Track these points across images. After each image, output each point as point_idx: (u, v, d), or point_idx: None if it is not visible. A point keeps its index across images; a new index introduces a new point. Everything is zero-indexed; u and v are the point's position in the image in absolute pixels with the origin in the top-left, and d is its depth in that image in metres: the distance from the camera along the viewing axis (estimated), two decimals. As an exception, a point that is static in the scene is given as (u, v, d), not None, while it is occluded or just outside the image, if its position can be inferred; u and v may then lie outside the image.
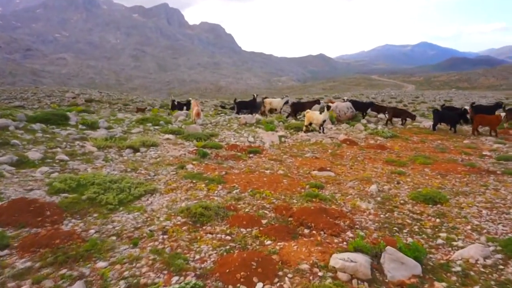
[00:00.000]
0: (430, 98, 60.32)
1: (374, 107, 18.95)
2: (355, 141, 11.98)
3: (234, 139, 11.95)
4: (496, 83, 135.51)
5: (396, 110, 17.86)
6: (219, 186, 6.64)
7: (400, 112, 17.29)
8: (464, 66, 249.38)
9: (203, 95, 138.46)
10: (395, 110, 17.80)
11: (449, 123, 14.78)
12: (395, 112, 17.20)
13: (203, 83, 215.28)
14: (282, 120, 15.89)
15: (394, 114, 16.97)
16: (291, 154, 10.02)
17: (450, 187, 7.15)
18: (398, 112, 17.39)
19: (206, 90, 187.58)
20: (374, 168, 8.70)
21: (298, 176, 7.79)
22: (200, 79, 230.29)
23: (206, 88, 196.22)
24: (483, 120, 13.66)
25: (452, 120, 14.63)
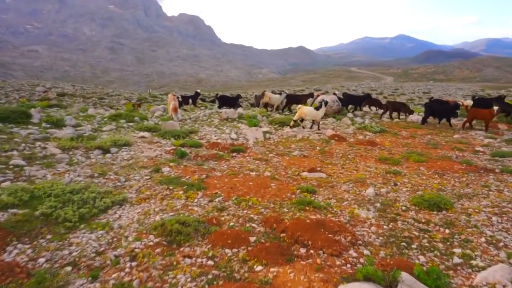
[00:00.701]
0: (409, 90, 61.03)
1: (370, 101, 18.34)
2: (343, 137, 11.37)
3: (216, 136, 11.13)
4: (470, 75, 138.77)
5: (395, 104, 17.42)
6: (199, 193, 5.85)
7: (400, 106, 16.88)
8: (440, 59, 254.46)
9: (183, 88, 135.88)
10: (395, 104, 17.34)
11: (442, 117, 14.36)
12: (394, 106, 16.77)
13: (183, 76, 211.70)
14: (265, 115, 15.15)
15: (394, 108, 16.57)
16: (278, 152, 9.30)
17: (451, 189, 6.61)
18: (398, 106, 16.97)
19: (186, 83, 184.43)
20: (367, 167, 8.09)
21: (287, 178, 7.08)
22: (180, 72, 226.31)
23: (186, 81, 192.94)
24: (477, 114, 13.32)
25: (445, 114, 14.22)
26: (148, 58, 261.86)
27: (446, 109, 14.11)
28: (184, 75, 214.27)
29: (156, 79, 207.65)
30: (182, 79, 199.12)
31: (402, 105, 16.92)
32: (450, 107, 14.14)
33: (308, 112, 12.58)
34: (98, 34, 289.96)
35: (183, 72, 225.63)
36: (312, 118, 12.70)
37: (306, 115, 12.55)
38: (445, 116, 14.24)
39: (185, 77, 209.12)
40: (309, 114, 12.56)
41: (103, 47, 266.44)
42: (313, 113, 12.55)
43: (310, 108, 13.02)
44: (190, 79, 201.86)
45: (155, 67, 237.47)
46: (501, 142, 10.92)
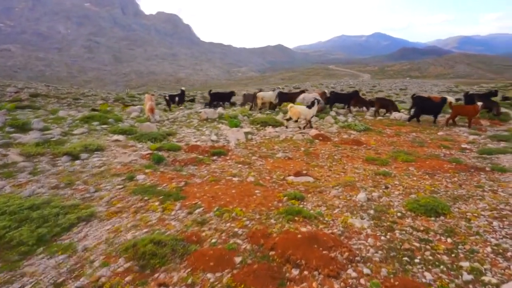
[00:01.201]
0: (387, 87, 61.93)
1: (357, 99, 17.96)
2: (328, 136, 11.01)
3: (195, 138, 10.55)
4: (444, 72, 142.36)
5: (383, 101, 17.21)
6: (177, 203, 5.30)
7: (387, 103, 16.70)
8: (415, 56, 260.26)
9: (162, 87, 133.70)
10: (383, 101, 17.14)
11: (430, 113, 14.22)
12: (382, 103, 16.59)
13: (162, 75, 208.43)
14: (247, 114, 14.64)
15: (382, 105, 16.38)
16: (261, 155, 8.83)
17: (444, 190, 6.30)
18: (386, 103, 16.79)
19: (165, 82, 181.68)
20: (355, 169, 7.72)
21: (272, 183, 6.61)
22: (158, 71, 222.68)
23: (164, 80, 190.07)
24: (461, 111, 13.23)
25: (434, 110, 14.09)
26: (126, 57, 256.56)
27: (435, 105, 14.05)
28: (163, 74, 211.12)
29: (135, 78, 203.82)
30: (161, 78, 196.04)
31: (390, 103, 16.72)
32: (438, 104, 14.12)
33: (302, 110, 12.14)
34: (74, 32, 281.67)
35: (162, 71, 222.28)
36: (305, 117, 12.28)
37: (300, 114, 12.09)
38: (433, 113, 14.08)
39: (164, 76, 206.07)
40: (303, 113, 12.11)
41: (79, 46, 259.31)
42: (307, 111, 12.14)
43: (302, 106, 12.59)
44: (169, 78, 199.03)
45: (133, 66, 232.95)
46: (485, 139, 10.80)
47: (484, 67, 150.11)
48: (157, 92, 62.41)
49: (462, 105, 13.44)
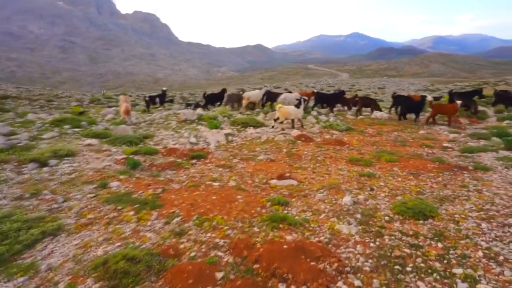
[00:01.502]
0: (365, 86, 62.83)
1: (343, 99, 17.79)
2: (310, 137, 10.82)
3: (173, 140, 10.16)
4: (419, 71, 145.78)
5: (366, 100, 17.15)
6: (154, 213, 4.95)
7: (370, 102, 16.67)
8: (391, 55, 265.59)
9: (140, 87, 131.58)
10: (365, 100, 17.09)
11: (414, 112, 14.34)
12: (364, 102, 16.55)
13: (139, 75, 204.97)
14: (227, 115, 14.31)
15: (364, 104, 16.35)
16: (242, 157, 8.53)
17: (430, 191, 6.18)
18: (368, 102, 16.75)
19: (143, 83, 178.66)
20: (339, 170, 7.53)
21: (255, 188, 6.33)
22: (136, 71, 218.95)
23: (142, 81, 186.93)
24: (441, 109, 13.33)
25: (417, 109, 14.22)
26: (102, 58, 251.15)
27: (418, 104, 14.23)
28: (141, 75, 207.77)
29: (111, 79, 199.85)
30: (139, 79, 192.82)
31: (373, 102, 16.72)
32: (419, 102, 14.31)
33: (292, 111, 12.00)
34: (47, 32, 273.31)
35: (140, 72, 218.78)
36: (294, 117, 12.15)
37: (290, 114, 11.95)
38: (416, 111, 14.21)
39: (142, 76, 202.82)
40: (292, 113, 11.99)
41: (52, 46, 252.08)
42: (296, 111, 12.03)
43: (291, 106, 12.41)
44: (147, 78, 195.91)
45: (110, 66, 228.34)
46: (466, 137, 10.87)
47: (457, 66, 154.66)
48: (135, 93, 61.28)
49: (441, 104, 13.56)
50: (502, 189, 6.24)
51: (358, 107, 16.07)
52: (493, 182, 6.66)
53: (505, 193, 6.05)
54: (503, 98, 15.81)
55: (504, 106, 15.69)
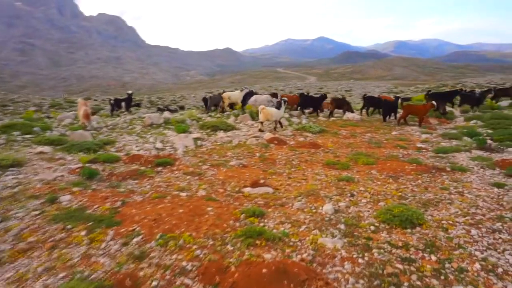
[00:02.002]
0: (333, 88, 63.95)
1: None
2: (283, 140, 10.38)
3: (137, 146, 9.39)
4: (383, 74, 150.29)
5: (339, 101, 16.92)
6: (110, 231, 4.27)
7: (343, 103, 16.46)
8: (357, 59, 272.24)
9: (106, 92, 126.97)
10: (338, 101, 16.85)
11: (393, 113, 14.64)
12: (338, 103, 16.33)
13: (105, 79, 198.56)
14: (196, 119, 13.62)
15: (337, 105, 16.13)
16: (212, 163, 7.93)
17: (411, 195, 5.86)
18: (341, 103, 16.53)
19: (109, 87, 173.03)
20: (316, 175, 7.11)
21: (227, 197, 5.76)
22: (102, 75, 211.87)
23: (108, 85, 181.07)
24: (411, 110, 13.32)
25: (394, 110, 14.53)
26: (65, 61, 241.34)
27: (392, 105, 14.45)
28: (107, 79, 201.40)
29: (75, 83, 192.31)
30: (105, 83, 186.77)
31: (346, 103, 16.54)
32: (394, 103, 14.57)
33: (274, 112, 11.80)
34: (4, 33, 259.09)
35: (106, 75, 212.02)
36: (276, 119, 11.99)
37: (272, 115, 11.74)
38: (394, 112, 14.55)
39: (108, 80, 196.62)
40: (274, 115, 11.80)
41: (10, 49, 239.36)
42: (278, 113, 11.88)
43: (273, 108, 12.16)
44: (113, 82, 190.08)
45: (74, 70, 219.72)
46: (437, 137, 10.81)
47: (418, 70, 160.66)
48: (100, 97, 58.83)
49: (412, 104, 13.61)
50: (483, 191, 6.03)
51: (331, 108, 15.86)
52: (473, 183, 6.46)
53: (486, 194, 5.83)
54: (468, 99, 16.12)
55: (469, 106, 15.99)
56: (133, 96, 19.77)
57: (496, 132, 10.37)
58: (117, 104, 18.60)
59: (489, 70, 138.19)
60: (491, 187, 6.22)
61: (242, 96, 16.31)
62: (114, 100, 18.90)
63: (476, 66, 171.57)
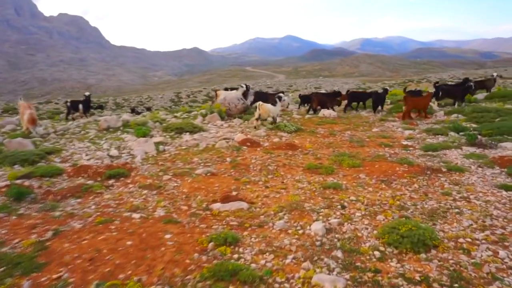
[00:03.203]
0: (302, 86, 63.82)
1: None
2: (256, 141, 9.32)
3: (88, 155, 8.05)
4: (350, 71, 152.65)
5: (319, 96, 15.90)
6: (25, 283, 3.05)
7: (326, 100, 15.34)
8: (324, 57, 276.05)
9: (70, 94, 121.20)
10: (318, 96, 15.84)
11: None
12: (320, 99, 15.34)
13: (69, 82, 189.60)
14: (159, 120, 12.29)
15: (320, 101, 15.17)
16: (176, 172, 6.75)
17: (412, 204, 4.96)
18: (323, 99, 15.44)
19: (73, 89, 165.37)
20: (298, 182, 6.10)
21: (191, 217, 4.63)
22: (65, 78, 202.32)
23: (73, 87, 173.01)
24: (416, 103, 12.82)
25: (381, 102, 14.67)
26: (24, 63, 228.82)
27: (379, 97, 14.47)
28: (70, 81, 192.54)
29: (37, 86, 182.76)
30: (68, 85, 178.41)
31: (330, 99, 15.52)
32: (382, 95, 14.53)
33: (271, 108, 11.53)
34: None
35: (69, 78, 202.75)
36: (273, 115, 11.64)
37: (270, 112, 11.48)
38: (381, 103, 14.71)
39: (72, 83, 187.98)
40: (272, 111, 11.53)
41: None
42: (274, 109, 11.66)
43: (269, 105, 11.75)
44: (78, 85, 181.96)
45: (34, 73, 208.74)
46: (421, 133, 10.08)
47: (383, 66, 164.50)
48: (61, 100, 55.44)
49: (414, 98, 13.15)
50: (490, 195, 5.23)
51: (314, 106, 15.02)
52: (476, 186, 5.66)
53: (496, 200, 5.03)
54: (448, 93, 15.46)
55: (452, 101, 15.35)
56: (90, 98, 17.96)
57: (483, 126, 9.78)
58: (73, 107, 16.84)
59: (450, 66, 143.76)
60: (498, 190, 5.43)
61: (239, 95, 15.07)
62: (70, 102, 17.14)
63: (438, 62, 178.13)
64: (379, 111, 14.49)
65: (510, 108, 12.53)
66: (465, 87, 14.59)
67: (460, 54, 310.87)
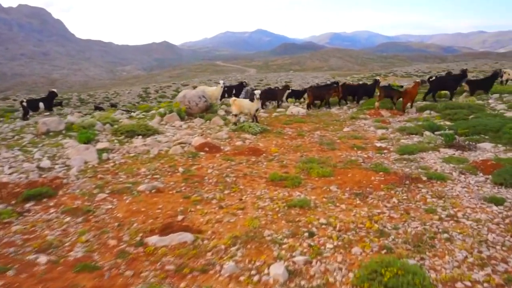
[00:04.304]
0: (273, 80, 63.13)
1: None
2: (216, 146, 8.28)
3: (11, 167, 6.73)
4: (320, 65, 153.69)
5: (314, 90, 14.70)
6: None
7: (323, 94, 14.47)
8: (294, 51, 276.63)
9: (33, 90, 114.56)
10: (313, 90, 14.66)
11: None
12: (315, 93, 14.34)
13: (31, 77, 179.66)
14: (109, 122, 10.96)
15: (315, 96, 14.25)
16: (114, 188, 5.63)
17: (392, 227, 4.14)
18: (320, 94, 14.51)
19: (36, 85, 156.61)
20: (258, 199, 5.14)
21: (117, 259, 3.58)
22: (27, 72, 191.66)
23: (36, 82, 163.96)
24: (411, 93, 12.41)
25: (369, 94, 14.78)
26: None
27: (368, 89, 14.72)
28: (33, 76, 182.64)
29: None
30: (31, 81, 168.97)
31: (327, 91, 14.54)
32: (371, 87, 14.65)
33: (246, 104, 10.86)
34: None
35: (31, 73, 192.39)
36: (248, 111, 10.89)
37: (244, 107, 10.78)
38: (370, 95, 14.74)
39: (35, 78, 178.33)
40: (246, 107, 10.80)
41: None
42: (250, 105, 10.81)
43: (245, 100, 11.27)
44: (41, 80, 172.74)
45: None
46: (395, 133, 9.38)
47: (351, 60, 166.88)
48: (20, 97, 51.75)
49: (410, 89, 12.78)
50: (480, 211, 4.49)
51: (308, 100, 14.13)
52: (462, 199, 4.91)
53: (487, 218, 4.29)
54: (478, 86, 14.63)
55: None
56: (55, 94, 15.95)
57: (458, 124, 9.19)
58: (31, 106, 14.82)
59: (415, 60, 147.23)
60: (487, 203, 4.70)
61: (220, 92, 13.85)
62: (27, 102, 15.05)
63: (403, 56, 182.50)
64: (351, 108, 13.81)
65: (481, 104, 12.14)
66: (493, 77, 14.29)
67: (424, 48, 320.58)
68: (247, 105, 10.81)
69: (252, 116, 10.90)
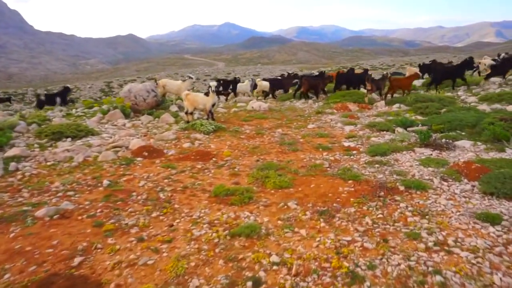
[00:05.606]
0: (241, 73, 62.05)
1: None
2: (159, 149, 6.96)
3: None
4: (288, 58, 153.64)
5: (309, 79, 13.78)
6: None
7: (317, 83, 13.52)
8: (262, 44, 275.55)
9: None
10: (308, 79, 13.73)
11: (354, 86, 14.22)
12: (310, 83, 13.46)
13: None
14: (36, 121, 9.29)
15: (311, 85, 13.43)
16: (3, 214, 4.22)
17: (368, 267, 3.05)
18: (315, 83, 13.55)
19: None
20: (194, 224, 3.92)
21: None
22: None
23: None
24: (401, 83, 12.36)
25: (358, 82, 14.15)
26: None
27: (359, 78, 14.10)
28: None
29: None
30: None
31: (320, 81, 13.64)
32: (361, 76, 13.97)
33: (200, 98, 9.61)
34: None
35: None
36: (204, 107, 9.70)
37: (198, 103, 9.57)
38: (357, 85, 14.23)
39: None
40: (201, 102, 9.60)
41: None
42: (205, 99, 9.60)
43: (200, 94, 10.01)
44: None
45: None
46: (364, 129, 8.42)
47: (319, 54, 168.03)
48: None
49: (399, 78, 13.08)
50: (473, 235, 3.54)
51: (303, 89, 13.23)
52: (450, 217, 3.93)
53: (486, 245, 3.32)
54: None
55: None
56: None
57: (431, 119, 8.35)
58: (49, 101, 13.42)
59: (379, 53, 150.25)
60: (481, 223, 3.73)
61: (187, 87, 12.10)
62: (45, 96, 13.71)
63: (368, 49, 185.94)
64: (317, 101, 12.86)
65: (450, 96, 11.48)
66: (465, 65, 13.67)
67: (388, 42, 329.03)
68: (202, 100, 9.56)
69: (207, 112, 9.61)
